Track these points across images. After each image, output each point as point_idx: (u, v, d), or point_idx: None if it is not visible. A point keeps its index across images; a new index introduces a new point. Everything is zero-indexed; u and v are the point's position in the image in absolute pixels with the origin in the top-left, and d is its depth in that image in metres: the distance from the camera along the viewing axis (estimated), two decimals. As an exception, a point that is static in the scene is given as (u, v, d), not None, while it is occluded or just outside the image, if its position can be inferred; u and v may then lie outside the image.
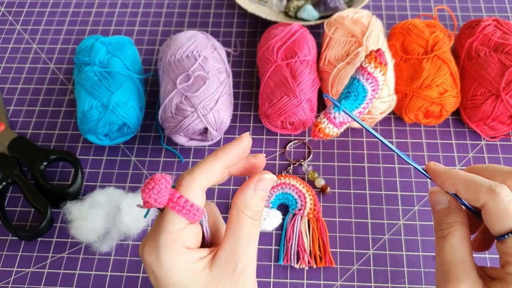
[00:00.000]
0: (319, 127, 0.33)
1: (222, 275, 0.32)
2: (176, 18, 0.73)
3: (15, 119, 0.64)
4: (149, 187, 0.30)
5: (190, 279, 0.31)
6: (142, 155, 0.60)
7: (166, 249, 0.30)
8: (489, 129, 0.58)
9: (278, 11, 0.70)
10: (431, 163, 0.36)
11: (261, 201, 0.33)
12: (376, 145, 0.59)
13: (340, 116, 0.33)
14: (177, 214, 0.31)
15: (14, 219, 0.56)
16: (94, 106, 0.56)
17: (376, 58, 0.32)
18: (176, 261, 0.30)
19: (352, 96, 0.33)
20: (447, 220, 0.34)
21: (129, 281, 0.51)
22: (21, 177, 0.56)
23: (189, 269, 0.31)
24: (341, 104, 0.33)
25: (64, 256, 0.53)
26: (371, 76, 0.32)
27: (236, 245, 0.32)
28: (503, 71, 0.55)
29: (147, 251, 0.31)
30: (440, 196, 0.35)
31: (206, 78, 0.55)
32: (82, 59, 0.59)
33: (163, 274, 0.30)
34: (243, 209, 0.33)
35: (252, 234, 0.33)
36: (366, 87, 0.33)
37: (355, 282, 0.50)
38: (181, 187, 0.31)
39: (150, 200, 0.30)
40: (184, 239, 0.31)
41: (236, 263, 0.32)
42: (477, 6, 0.72)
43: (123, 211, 0.51)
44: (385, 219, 0.54)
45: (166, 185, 0.30)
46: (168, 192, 0.30)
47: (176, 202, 0.30)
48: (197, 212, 0.31)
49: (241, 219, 0.32)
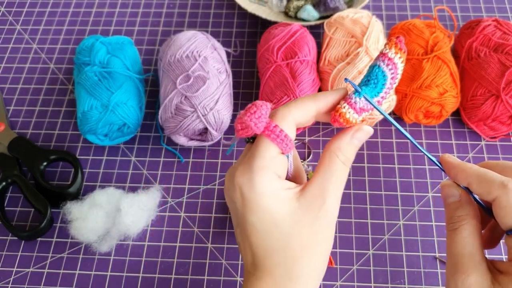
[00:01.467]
0: (340, 111, 0.33)
1: (309, 208, 0.33)
2: (176, 18, 0.73)
3: (15, 119, 0.64)
4: (251, 111, 0.31)
5: (278, 205, 0.32)
6: (142, 155, 0.60)
7: (260, 172, 0.32)
8: (489, 130, 0.58)
9: (278, 11, 0.70)
10: (445, 155, 0.36)
11: (355, 149, 0.35)
12: (376, 145, 0.59)
13: (360, 101, 0.33)
14: (271, 142, 0.32)
15: (14, 219, 0.56)
16: (94, 106, 0.56)
17: (396, 44, 0.33)
18: (268, 185, 0.32)
19: (372, 84, 0.33)
20: (458, 214, 0.35)
21: (129, 281, 0.51)
22: (21, 177, 0.56)
23: (279, 196, 0.33)
24: (362, 89, 0.33)
25: (64, 256, 0.53)
26: (392, 62, 0.33)
27: (326, 184, 0.33)
28: (503, 72, 0.55)
29: (240, 173, 0.32)
30: (452, 190, 0.36)
31: (206, 78, 0.55)
32: (82, 59, 0.59)
33: (254, 196, 0.32)
34: (337, 152, 0.34)
35: (341, 177, 0.34)
36: (386, 74, 0.33)
37: (355, 283, 0.50)
38: (276, 118, 0.33)
39: (250, 124, 0.31)
40: (276, 167, 0.33)
41: (324, 200, 0.33)
42: (477, 7, 0.72)
43: (123, 211, 0.51)
44: (385, 219, 0.54)
45: (267, 111, 0.32)
46: (267, 119, 0.32)
47: (272, 130, 0.32)
48: (290, 143, 0.33)
49: (333, 161, 0.34)
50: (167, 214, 0.56)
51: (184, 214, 0.56)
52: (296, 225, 0.33)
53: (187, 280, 0.51)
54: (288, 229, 0.33)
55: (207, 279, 0.51)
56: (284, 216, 0.32)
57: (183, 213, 0.56)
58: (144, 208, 0.53)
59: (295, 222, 0.33)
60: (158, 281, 0.51)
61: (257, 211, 0.32)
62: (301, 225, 0.33)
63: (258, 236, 0.33)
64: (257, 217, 0.32)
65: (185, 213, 0.56)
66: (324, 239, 0.34)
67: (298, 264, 0.33)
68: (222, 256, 0.53)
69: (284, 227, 0.33)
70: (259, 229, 0.33)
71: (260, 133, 0.32)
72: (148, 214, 0.53)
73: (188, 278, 0.51)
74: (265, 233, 0.33)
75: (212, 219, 0.55)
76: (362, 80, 0.34)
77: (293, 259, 0.33)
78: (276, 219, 0.32)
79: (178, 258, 0.53)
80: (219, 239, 0.54)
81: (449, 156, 0.36)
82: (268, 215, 0.32)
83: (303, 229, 0.33)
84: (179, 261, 0.53)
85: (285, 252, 0.33)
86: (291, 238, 0.33)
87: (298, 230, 0.33)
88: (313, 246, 0.33)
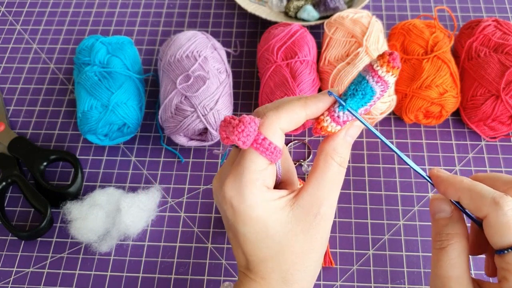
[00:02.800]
0: (321, 125, 0.33)
1: (304, 216, 0.32)
2: (176, 18, 0.73)
3: (15, 119, 0.64)
4: (239, 129, 0.30)
5: (270, 215, 0.32)
6: (142, 155, 0.60)
7: (249, 186, 0.31)
8: (489, 130, 0.58)
9: (278, 11, 0.70)
10: (434, 169, 0.35)
11: (349, 147, 0.34)
12: (376, 145, 0.59)
13: (344, 115, 0.32)
14: (260, 155, 0.32)
15: (14, 219, 0.56)
16: (94, 106, 0.56)
17: (389, 62, 0.30)
18: (258, 197, 0.31)
19: (359, 95, 0.32)
20: (447, 231, 0.33)
21: (129, 282, 0.51)
22: (21, 177, 0.56)
23: (270, 206, 0.32)
24: (346, 103, 0.32)
25: (64, 256, 0.53)
26: (382, 80, 0.31)
27: (321, 189, 0.32)
28: (503, 72, 0.55)
29: (229, 186, 0.32)
30: (442, 204, 0.34)
31: (206, 78, 0.55)
32: (82, 59, 0.59)
33: (244, 208, 0.31)
34: (332, 154, 0.33)
35: (337, 180, 0.33)
36: (375, 89, 0.31)
37: (355, 283, 0.50)
38: (263, 127, 0.32)
39: (238, 143, 0.31)
40: (265, 179, 0.32)
41: (319, 206, 0.32)
42: (477, 7, 0.72)
43: (123, 211, 0.51)
44: (385, 220, 0.54)
45: (255, 128, 0.31)
46: (255, 135, 0.31)
47: (260, 144, 0.31)
48: (278, 154, 0.32)
49: (328, 164, 0.33)
50: (167, 214, 0.56)
51: (184, 214, 0.56)
52: (289, 234, 0.32)
53: (187, 280, 0.51)
54: (282, 238, 0.32)
55: (207, 279, 0.51)
56: (276, 226, 0.32)
57: (183, 213, 0.56)
58: (144, 208, 0.53)
59: (289, 231, 0.32)
60: (158, 281, 0.51)
61: (248, 223, 0.32)
62: (294, 233, 0.32)
63: (251, 246, 0.33)
64: (249, 228, 0.32)
65: (185, 213, 0.56)
66: (319, 245, 0.33)
67: (293, 270, 0.33)
68: (222, 256, 0.53)
69: (277, 237, 0.32)
70: (251, 240, 0.32)
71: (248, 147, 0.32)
72: (148, 214, 0.53)
73: (188, 278, 0.51)
74: (258, 243, 0.32)
75: (212, 219, 0.55)
76: (350, 88, 0.32)
77: (288, 265, 0.33)
78: (269, 229, 0.32)
79: (178, 258, 0.53)
80: (219, 239, 0.54)
81: (439, 170, 0.35)
82: (260, 226, 0.32)
83: (297, 237, 0.32)
84: (179, 261, 0.53)
85: (279, 259, 0.33)
86: (285, 246, 0.32)
87: (292, 239, 0.32)
88: (308, 253, 0.33)
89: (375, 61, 0.31)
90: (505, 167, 0.57)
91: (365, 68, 0.32)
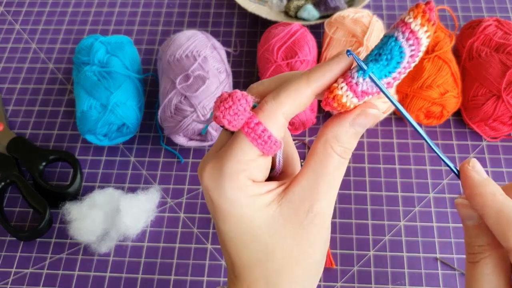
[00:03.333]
0: (335, 93, 0.26)
1: (293, 213, 0.27)
2: (176, 18, 0.73)
3: (14, 119, 0.64)
4: (225, 105, 0.25)
5: (253, 214, 0.27)
6: (142, 155, 0.60)
7: (231, 178, 0.26)
8: (490, 130, 0.58)
9: (278, 11, 0.70)
10: (470, 163, 0.28)
11: (356, 138, 0.28)
12: (377, 146, 0.59)
13: (364, 83, 0.26)
14: (250, 143, 0.26)
15: (13, 220, 0.56)
16: (93, 106, 0.55)
17: (424, 12, 0.24)
18: (240, 193, 0.26)
19: (383, 60, 0.25)
20: (478, 242, 0.28)
21: (128, 282, 0.51)
22: (20, 177, 0.56)
23: (255, 202, 0.27)
24: (368, 67, 0.26)
25: (63, 256, 0.53)
26: (414, 36, 0.25)
27: (316, 182, 0.27)
28: (504, 72, 0.55)
29: (208, 175, 0.27)
30: (469, 211, 0.29)
31: (205, 78, 0.55)
32: (81, 59, 0.59)
33: (223, 204, 0.27)
34: (332, 142, 0.27)
35: (336, 173, 0.28)
36: (404, 50, 0.25)
37: (355, 284, 0.50)
38: (262, 112, 0.26)
39: (223, 121, 0.25)
40: (252, 171, 0.27)
41: (313, 203, 0.27)
42: (478, 6, 0.71)
43: (122, 212, 0.51)
44: (385, 220, 0.54)
45: (246, 107, 0.26)
46: (246, 116, 0.26)
47: (252, 128, 0.26)
48: (274, 146, 0.26)
49: (327, 153, 0.27)
50: (166, 214, 0.55)
51: (183, 215, 0.55)
52: (276, 235, 0.27)
53: (187, 281, 0.51)
54: (268, 241, 0.27)
55: (207, 280, 0.51)
56: (261, 225, 0.27)
57: (182, 213, 0.55)
58: (144, 208, 0.53)
59: (275, 232, 0.27)
60: (158, 282, 0.51)
61: (229, 221, 0.27)
62: (282, 235, 0.27)
63: (234, 247, 0.28)
64: (230, 227, 0.27)
65: (185, 213, 0.55)
66: (313, 249, 0.28)
67: (282, 279, 0.28)
68: (221, 257, 0.52)
69: (263, 239, 0.27)
70: (234, 240, 0.28)
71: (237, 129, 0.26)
72: (148, 215, 0.53)
73: (188, 279, 0.51)
74: (241, 245, 0.28)
75: (211, 219, 0.55)
76: (371, 53, 0.26)
77: (276, 273, 0.28)
78: (252, 229, 0.27)
79: (178, 259, 0.52)
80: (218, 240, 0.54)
81: (474, 167, 0.28)
82: (242, 225, 0.27)
83: (286, 239, 0.27)
84: (178, 262, 0.52)
85: (266, 265, 0.28)
86: (271, 250, 0.27)
87: (279, 241, 0.27)
88: (299, 259, 0.28)
89: (407, 14, 0.25)
90: (506, 167, 0.57)
91: (393, 26, 0.26)
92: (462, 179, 0.28)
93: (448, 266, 0.51)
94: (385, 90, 0.26)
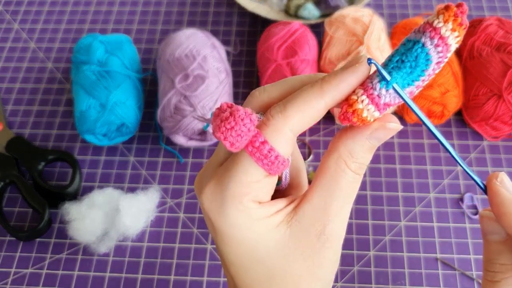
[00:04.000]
0: (355, 107, 0.23)
1: (303, 236, 0.25)
2: (175, 17, 0.72)
3: (13, 119, 0.63)
4: (227, 126, 0.22)
5: (261, 237, 0.25)
6: (141, 155, 0.59)
7: (233, 202, 0.24)
8: (491, 129, 0.58)
9: (278, 10, 0.69)
10: (498, 177, 0.26)
11: (372, 152, 0.25)
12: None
13: (387, 94, 0.23)
14: (255, 163, 0.24)
15: (12, 220, 0.56)
16: (92, 106, 0.55)
17: (456, 16, 0.22)
18: (244, 217, 0.24)
19: (407, 68, 0.23)
20: (501, 260, 0.26)
21: (128, 283, 0.51)
22: (19, 177, 0.55)
23: (260, 225, 0.25)
24: (392, 77, 0.23)
25: (62, 257, 0.53)
26: (444, 42, 0.22)
27: (328, 200, 0.25)
28: (505, 71, 0.54)
29: (208, 197, 0.25)
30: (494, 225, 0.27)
31: (205, 77, 0.55)
32: (80, 58, 0.58)
33: (225, 228, 0.24)
34: (346, 158, 0.25)
35: (350, 191, 0.25)
36: (431, 57, 0.22)
37: (356, 284, 0.50)
38: (267, 128, 0.23)
39: (225, 143, 0.23)
40: (257, 193, 0.24)
41: (325, 224, 0.25)
42: (479, 6, 0.71)
43: (122, 212, 0.51)
44: (385, 220, 0.53)
45: (250, 127, 0.23)
46: (251, 135, 0.23)
47: (257, 148, 0.23)
48: (281, 166, 0.24)
49: (340, 170, 0.25)
50: (166, 214, 0.55)
51: (183, 215, 0.55)
52: (285, 258, 0.25)
53: (187, 282, 0.51)
54: (275, 264, 0.25)
55: (206, 281, 0.51)
56: (268, 248, 0.25)
57: (182, 213, 0.55)
58: (143, 208, 0.53)
59: (284, 255, 0.25)
60: (157, 282, 0.51)
61: (230, 243, 0.25)
62: (292, 259, 0.25)
63: (236, 269, 0.26)
64: (232, 249, 0.25)
65: (185, 213, 0.55)
66: (323, 271, 0.26)
67: None
68: (221, 257, 0.52)
69: (270, 263, 0.25)
70: (236, 263, 0.26)
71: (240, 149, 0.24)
72: (147, 215, 0.53)
73: (188, 280, 0.51)
74: (245, 267, 0.26)
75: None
76: (392, 59, 0.23)
77: None
78: (257, 253, 0.25)
79: (178, 259, 0.52)
80: (218, 240, 0.53)
81: (501, 183, 0.26)
82: (245, 249, 0.25)
83: (296, 263, 0.25)
84: (178, 262, 0.52)
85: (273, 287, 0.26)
86: (279, 273, 0.25)
87: (289, 265, 0.25)
88: (309, 281, 0.26)
89: (435, 16, 0.22)
90: (507, 167, 0.57)
91: (418, 29, 0.23)
92: (490, 196, 0.26)
93: (449, 266, 0.51)
94: (411, 103, 0.23)
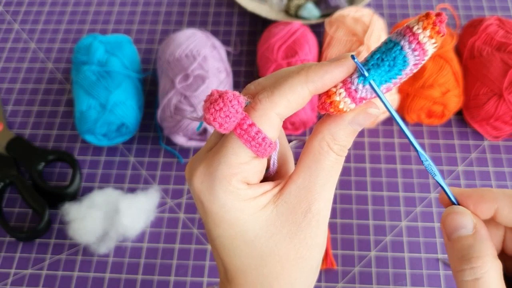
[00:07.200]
0: (333, 99, 0.25)
1: (290, 214, 0.26)
2: (175, 17, 0.72)
3: (13, 119, 0.63)
4: (216, 107, 0.24)
5: (247, 218, 0.26)
6: (141, 155, 0.59)
7: (223, 182, 0.25)
8: (492, 129, 0.57)
9: (278, 10, 0.69)
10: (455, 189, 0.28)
11: (353, 136, 0.27)
12: (378, 146, 0.59)
13: (363, 89, 0.25)
14: (243, 145, 0.25)
15: (12, 220, 0.56)
16: (92, 106, 0.55)
17: (435, 24, 0.23)
18: (233, 197, 0.25)
19: (385, 66, 0.25)
20: (476, 253, 0.26)
21: (128, 283, 0.51)
22: (19, 178, 0.55)
23: (249, 206, 0.26)
24: (370, 74, 0.25)
25: (62, 257, 0.53)
26: (421, 48, 0.24)
27: (312, 181, 0.26)
28: (506, 71, 0.54)
29: (198, 179, 0.26)
30: (462, 218, 0.27)
31: (205, 77, 0.55)
32: (80, 58, 0.58)
33: (216, 209, 0.26)
34: (328, 140, 0.26)
35: (333, 171, 0.27)
36: (408, 60, 0.24)
37: (356, 284, 0.50)
38: (255, 112, 0.25)
39: (213, 124, 0.24)
40: (246, 174, 0.26)
41: (310, 203, 0.26)
42: (479, 6, 0.71)
43: (122, 212, 0.51)
44: (386, 220, 0.53)
45: (238, 109, 0.24)
46: (238, 118, 0.24)
47: (245, 130, 0.25)
48: (268, 148, 0.25)
49: (323, 151, 0.26)
50: (166, 215, 0.55)
51: (183, 215, 0.55)
52: (272, 239, 0.26)
53: (187, 282, 0.51)
54: (263, 245, 0.26)
55: (207, 281, 0.51)
56: (256, 230, 0.26)
57: (182, 214, 0.55)
58: (143, 209, 0.53)
59: (271, 236, 0.26)
60: (157, 283, 0.51)
61: (221, 225, 0.26)
62: (279, 238, 0.26)
63: (226, 252, 0.27)
64: (223, 231, 0.26)
65: (185, 214, 0.55)
66: (310, 252, 0.27)
67: (278, 283, 0.27)
68: (222, 258, 0.52)
69: (258, 243, 0.26)
70: (226, 245, 0.27)
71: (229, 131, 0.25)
72: (147, 215, 0.53)
73: (188, 280, 0.51)
74: (235, 250, 0.27)
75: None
76: (373, 56, 0.25)
77: (272, 278, 0.27)
78: (246, 234, 0.26)
79: (178, 260, 0.52)
80: (218, 240, 0.53)
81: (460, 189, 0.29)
82: (235, 230, 0.26)
83: (283, 243, 0.26)
84: (178, 262, 0.52)
85: (262, 270, 0.27)
86: (267, 255, 0.26)
87: (276, 245, 0.26)
88: (296, 262, 0.27)
89: (416, 22, 0.24)
90: (508, 167, 0.56)
91: (400, 31, 0.25)
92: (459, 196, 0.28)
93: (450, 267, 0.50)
94: (384, 98, 0.25)
